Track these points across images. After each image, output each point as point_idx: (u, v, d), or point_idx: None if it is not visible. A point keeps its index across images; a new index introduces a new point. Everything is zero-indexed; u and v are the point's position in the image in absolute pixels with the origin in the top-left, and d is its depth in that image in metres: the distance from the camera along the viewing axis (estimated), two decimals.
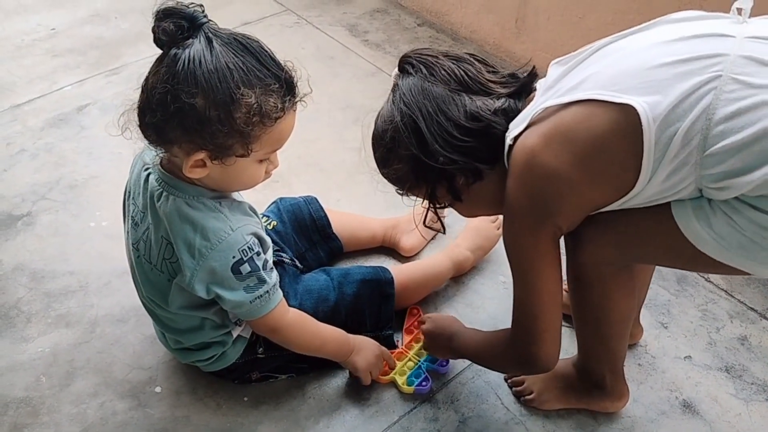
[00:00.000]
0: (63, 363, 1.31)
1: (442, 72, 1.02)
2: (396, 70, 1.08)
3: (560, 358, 1.07)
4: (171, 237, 1.05)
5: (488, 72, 1.05)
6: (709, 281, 1.48)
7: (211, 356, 1.21)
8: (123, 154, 1.76)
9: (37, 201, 1.66)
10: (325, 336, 1.21)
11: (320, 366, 1.29)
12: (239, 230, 1.05)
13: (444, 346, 1.25)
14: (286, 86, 0.99)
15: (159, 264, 1.09)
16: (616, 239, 1.00)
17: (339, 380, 1.29)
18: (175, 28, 0.93)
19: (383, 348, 1.27)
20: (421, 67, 1.03)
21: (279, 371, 1.28)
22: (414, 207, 1.15)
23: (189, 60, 0.93)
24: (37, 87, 2.03)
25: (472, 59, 1.05)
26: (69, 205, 1.65)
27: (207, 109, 0.94)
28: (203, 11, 0.97)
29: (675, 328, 1.39)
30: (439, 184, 1.05)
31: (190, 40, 0.95)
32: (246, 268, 1.05)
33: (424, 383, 1.26)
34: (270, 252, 1.24)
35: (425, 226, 1.17)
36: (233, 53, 0.95)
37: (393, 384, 1.28)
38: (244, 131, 0.97)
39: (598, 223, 1.00)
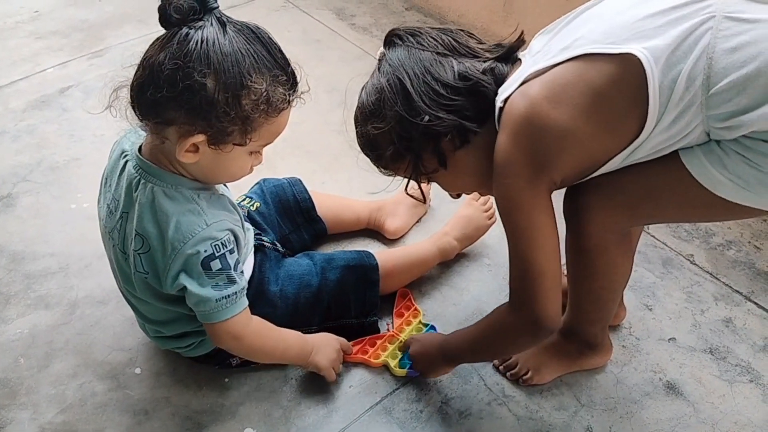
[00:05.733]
0: (42, 344, 1.29)
1: (429, 39, 1.03)
2: (381, 48, 1.07)
3: None
4: (143, 229, 1.02)
5: (475, 42, 1.06)
6: (695, 264, 1.48)
7: (190, 344, 1.20)
8: (105, 136, 1.75)
9: (17, 183, 1.63)
10: (288, 340, 1.18)
11: None
12: (214, 225, 1.02)
13: (437, 360, 1.19)
14: (292, 80, 0.99)
15: (131, 255, 1.06)
16: (626, 201, 0.99)
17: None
18: (188, 8, 0.92)
19: (341, 339, 1.24)
20: (408, 36, 1.04)
21: None
22: (402, 187, 1.13)
23: (202, 40, 0.92)
24: (19, 69, 2.01)
25: (458, 30, 1.06)
26: (50, 186, 1.63)
27: (216, 92, 0.93)
28: None
29: (659, 310, 1.38)
30: (424, 148, 1.02)
31: (201, 22, 0.93)
32: (216, 264, 1.02)
33: None
34: (251, 239, 1.22)
35: (406, 194, 1.13)
36: (245, 40, 0.95)
37: (385, 367, 1.26)
38: (250, 118, 0.96)
39: (604, 188, 0.98)
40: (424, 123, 0.99)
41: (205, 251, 1.01)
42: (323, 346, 1.21)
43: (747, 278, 1.45)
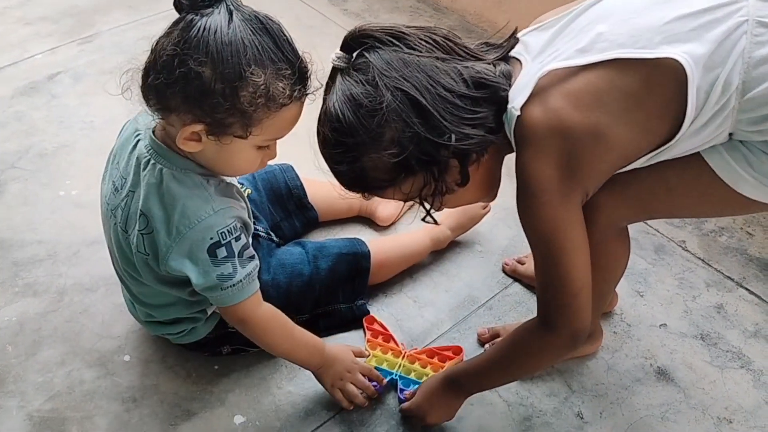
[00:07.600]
0: (30, 332, 1.28)
1: (419, 41, 0.91)
2: (338, 50, 0.95)
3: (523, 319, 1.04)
4: (148, 209, 1.01)
5: (462, 42, 0.97)
6: (687, 250, 1.47)
7: (181, 330, 1.19)
8: (94, 122, 1.73)
9: (5, 170, 1.62)
10: (298, 340, 1.13)
11: None
12: (221, 211, 1.01)
13: (446, 398, 1.11)
14: (298, 74, 0.96)
15: (133, 235, 1.05)
16: (638, 195, 0.97)
17: None
18: None
19: (360, 363, 1.18)
20: (391, 39, 0.91)
21: (250, 345, 1.23)
22: None
23: (204, 28, 0.90)
24: (7, 55, 1.98)
25: (438, 28, 0.96)
26: (38, 174, 1.61)
27: (213, 81, 0.91)
28: None
29: (651, 297, 1.38)
30: (447, 169, 0.92)
31: (210, 9, 0.92)
32: (222, 252, 1.01)
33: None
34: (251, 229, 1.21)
35: (424, 221, 1.04)
36: (251, 31, 0.92)
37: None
38: (247, 111, 0.93)
39: (617, 184, 0.95)
40: (452, 143, 0.89)
41: (211, 238, 1.00)
42: (336, 363, 1.15)
43: (739, 264, 1.45)
